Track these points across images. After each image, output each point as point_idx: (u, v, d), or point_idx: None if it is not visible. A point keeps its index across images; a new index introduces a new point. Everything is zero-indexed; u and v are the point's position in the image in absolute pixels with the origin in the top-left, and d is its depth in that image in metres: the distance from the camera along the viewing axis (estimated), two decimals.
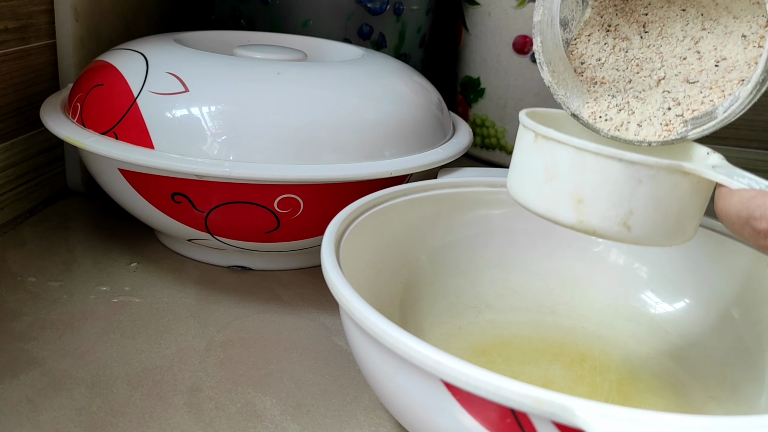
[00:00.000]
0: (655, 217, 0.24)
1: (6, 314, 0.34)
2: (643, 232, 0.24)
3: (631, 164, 0.24)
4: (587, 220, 0.25)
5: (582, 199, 0.24)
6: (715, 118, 0.25)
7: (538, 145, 0.25)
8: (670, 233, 0.25)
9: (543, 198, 0.25)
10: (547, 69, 0.27)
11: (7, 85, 0.42)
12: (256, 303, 0.37)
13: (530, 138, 0.26)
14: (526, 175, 0.26)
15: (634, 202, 0.24)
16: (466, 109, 0.63)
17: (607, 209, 0.24)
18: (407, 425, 0.25)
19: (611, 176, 0.24)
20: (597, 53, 0.29)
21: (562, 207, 0.25)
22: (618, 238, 0.25)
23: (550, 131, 0.25)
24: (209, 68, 0.37)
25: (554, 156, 0.25)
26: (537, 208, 0.26)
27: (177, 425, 0.28)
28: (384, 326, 0.22)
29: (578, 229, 0.25)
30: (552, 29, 0.28)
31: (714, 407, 0.29)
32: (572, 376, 0.31)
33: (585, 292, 0.36)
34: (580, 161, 0.24)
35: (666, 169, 0.24)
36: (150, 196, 0.36)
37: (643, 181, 0.24)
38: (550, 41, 0.28)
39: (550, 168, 0.25)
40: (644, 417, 0.17)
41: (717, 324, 0.32)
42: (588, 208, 0.24)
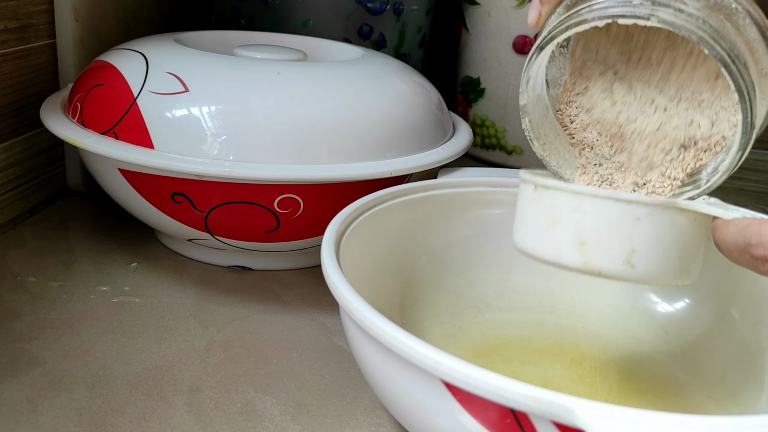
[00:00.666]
0: (657, 253, 0.25)
1: (6, 314, 0.34)
2: (648, 269, 0.25)
3: (627, 203, 0.25)
4: (591, 261, 0.25)
5: (584, 242, 0.25)
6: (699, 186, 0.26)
7: (537, 195, 0.26)
8: (675, 271, 0.25)
9: (547, 245, 0.26)
10: (538, 144, 0.28)
11: (7, 85, 0.42)
12: (256, 303, 0.37)
13: (530, 190, 0.27)
14: (530, 225, 0.27)
15: (635, 239, 0.25)
16: (466, 109, 0.63)
17: (610, 248, 0.25)
18: (407, 425, 0.25)
19: (610, 216, 0.25)
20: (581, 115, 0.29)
21: (566, 251, 0.26)
22: (624, 276, 0.25)
23: (547, 180, 0.26)
24: (209, 68, 0.37)
25: (553, 203, 0.26)
26: (543, 256, 0.27)
27: (177, 425, 0.28)
28: (384, 326, 0.22)
29: (584, 272, 0.26)
30: (540, 102, 0.29)
31: (714, 407, 0.29)
32: (572, 376, 0.31)
33: (585, 292, 0.36)
34: (579, 205, 0.25)
35: (662, 206, 0.25)
36: (150, 196, 0.36)
37: (641, 218, 0.25)
38: (538, 117, 0.28)
39: (551, 215, 0.26)
40: (644, 417, 0.17)
41: (717, 324, 0.32)
42: (591, 250, 0.25)
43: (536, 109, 0.28)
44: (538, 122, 0.28)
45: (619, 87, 0.28)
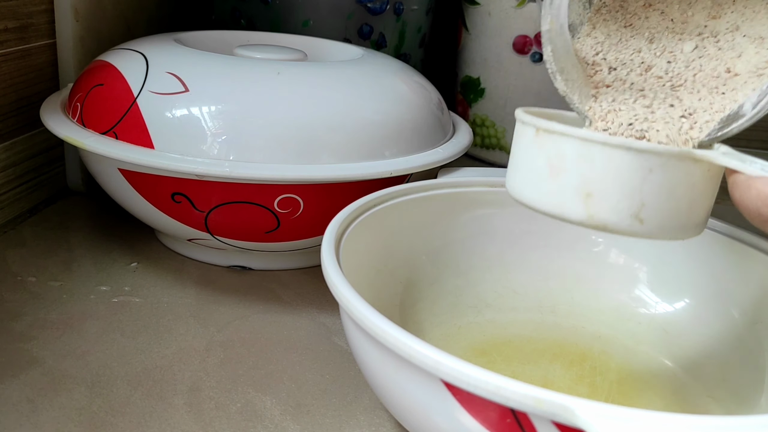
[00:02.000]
0: (667, 207, 0.23)
1: (6, 314, 0.34)
2: (657, 224, 0.24)
3: (640, 153, 0.23)
4: (597, 214, 0.24)
5: (590, 193, 0.23)
6: (743, 116, 0.24)
7: (539, 140, 0.24)
8: (684, 225, 0.24)
9: (548, 195, 0.24)
10: (560, 78, 0.26)
11: (7, 85, 0.42)
12: (256, 303, 0.37)
13: (530, 134, 0.25)
14: (528, 172, 0.25)
15: (645, 192, 0.23)
16: (466, 109, 0.63)
17: (618, 202, 0.23)
18: (407, 425, 0.25)
19: (620, 167, 0.23)
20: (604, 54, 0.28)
21: (569, 203, 0.24)
22: (631, 232, 0.24)
23: (552, 124, 0.24)
24: (209, 68, 0.37)
25: (558, 149, 0.24)
26: (543, 206, 0.25)
27: (177, 425, 0.28)
28: (384, 326, 0.22)
29: (588, 225, 0.24)
30: (562, 36, 0.27)
31: (714, 407, 0.29)
32: (572, 376, 0.31)
33: (585, 292, 0.36)
34: (587, 153, 0.23)
35: (677, 157, 0.23)
36: (150, 196, 0.36)
37: (653, 170, 0.23)
38: (561, 49, 0.27)
39: (555, 162, 0.24)
40: (644, 417, 0.17)
41: (717, 324, 0.32)
42: (597, 202, 0.23)
43: (559, 39, 0.26)
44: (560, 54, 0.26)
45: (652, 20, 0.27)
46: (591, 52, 0.28)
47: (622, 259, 0.36)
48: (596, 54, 0.28)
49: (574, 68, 0.27)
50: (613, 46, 0.28)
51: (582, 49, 0.28)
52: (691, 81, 0.26)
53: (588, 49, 0.28)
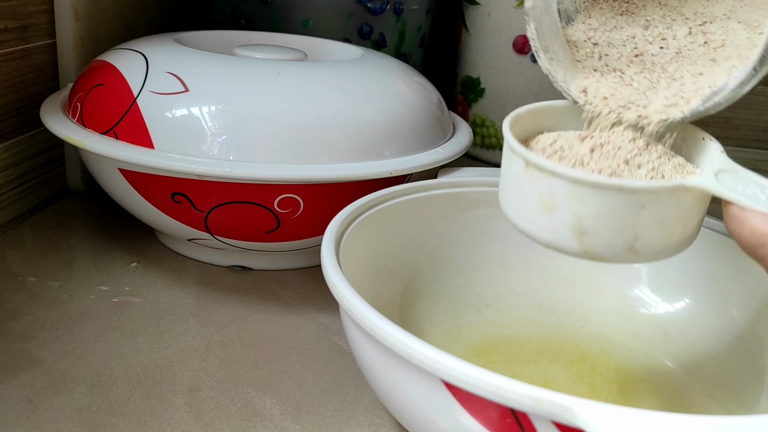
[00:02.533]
0: (661, 236, 0.24)
1: (6, 314, 0.34)
2: (651, 252, 0.24)
3: (632, 192, 0.23)
4: (592, 249, 0.24)
5: (585, 231, 0.23)
6: (724, 89, 0.24)
7: (530, 174, 0.24)
8: (677, 246, 0.24)
9: (543, 229, 0.24)
10: (544, 56, 0.26)
11: (7, 85, 0.42)
12: (256, 303, 0.37)
13: (520, 165, 0.24)
14: (522, 203, 0.25)
15: (638, 227, 0.23)
16: (466, 109, 0.63)
17: (612, 237, 0.23)
18: (407, 425, 0.25)
19: (612, 207, 0.23)
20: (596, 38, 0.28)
21: (564, 238, 0.24)
22: (626, 261, 0.24)
23: (542, 161, 0.24)
24: (209, 68, 0.37)
25: (549, 188, 0.24)
26: (540, 238, 0.25)
27: (177, 425, 0.28)
28: (384, 326, 0.22)
29: (585, 258, 0.24)
30: (548, 14, 0.27)
31: (714, 407, 0.29)
32: (572, 375, 0.31)
33: (585, 291, 0.36)
34: (579, 193, 0.23)
35: (669, 191, 0.23)
36: (150, 195, 0.36)
37: (646, 206, 0.23)
38: (547, 27, 0.26)
39: (547, 200, 0.24)
40: (644, 417, 0.17)
41: (717, 324, 0.32)
42: (592, 239, 0.23)
43: (544, 18, 0.26)
44: (545, 33, 0.26)
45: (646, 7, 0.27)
46: (582, 36, 0.28)
47: None
48: (588, 38, 0.28)
49: (561, 48, 0.27)
50: (607, 32, 0.28)
51: (574, 33, 0.28)
52: (681, 64, 0.26)
53: (580, 34, 0.28)
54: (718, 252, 0.33)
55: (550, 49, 0.26)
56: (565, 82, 0.27)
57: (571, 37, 0.28)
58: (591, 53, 0.28)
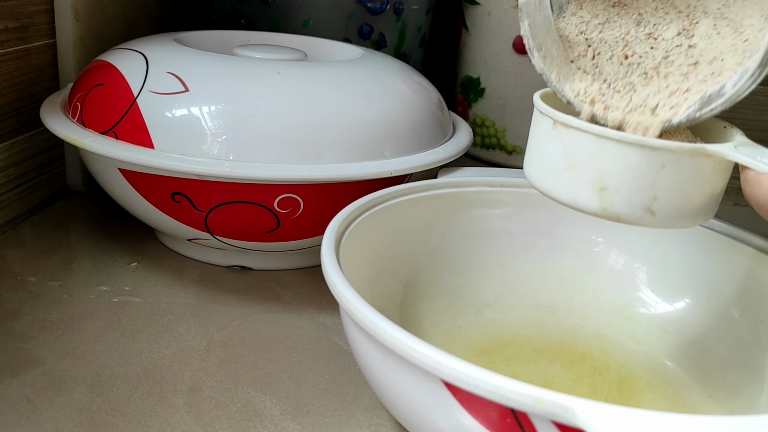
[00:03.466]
0: (679, 200, 0.24)
1: (6, 314, 0.34)
2: (668, 215, 0.24)
3: (653, 150, 0.23)
4: (611, 207, 0.24)
5: (605, 187, 0.24)
6: (723, 94, 0.24)
7: (557, 132, 0.25)
8: (694, 214, 0.25)
9: (565, 186, 0.25)
10: (538, 54, 0.27)
11: (7, 85, 0.42)
12: (256, 303, 0.37)
13: (548, 125, 0.25)
14: (546, 162, 0.26)
15: (657, 187, 0.24)
16: (466, 109, 0.63)
17: (631, 195, 0.24)
18: (407, 425, 0.25)
19: (634, 163, 0.24)
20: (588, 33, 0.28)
21: (584, 195, 0.25)
22: (643, 223, 0.24)
23: (569, 118, 0.25)
24: (209, 68, 0.37)
25: (574, 144, 0.25)
26: (559, 196, 0.26)
27: (177, 425, 0.28)
28: (384, 326, 0.22)
29: (602, 216, 0.25)
30: (541, 11, 0.27)
31: (714, 407, 0.29)
32: (572, 375, 0.31)
33: (585, 292, 0.36)
34: (602, 149, 0.24)
35: (689, 153, 0.23)
36: (150, 195, 0.36)
37: (666, 165, 0.23)
38: (540, 24, 0.27)
39: (571, 156, 0.25)
40: (644, 417, 0.17)
41: (717, 324, 0.32)
42: (611, 195, 0.24)
43: (537, 15, 0.27)
44: (538, 31, 0.27)
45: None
46: (575, 30, 0.28)
47: (622, 259, 0.36)
48: (580, 33, 0.28)
49: (554, 45, 0.27)
50: (599, 26, 0.28)
51: (566, 27, 0.28)
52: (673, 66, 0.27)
53: (572, 28, 0.28)
54: (718, 252, 0.33)
55: (544, 46, 0.27)
56: (559, 82, 0.27)
57: (563, 31, 0.28)
58: (584, 52, 0.28)
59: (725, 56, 0.25)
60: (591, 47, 0.28)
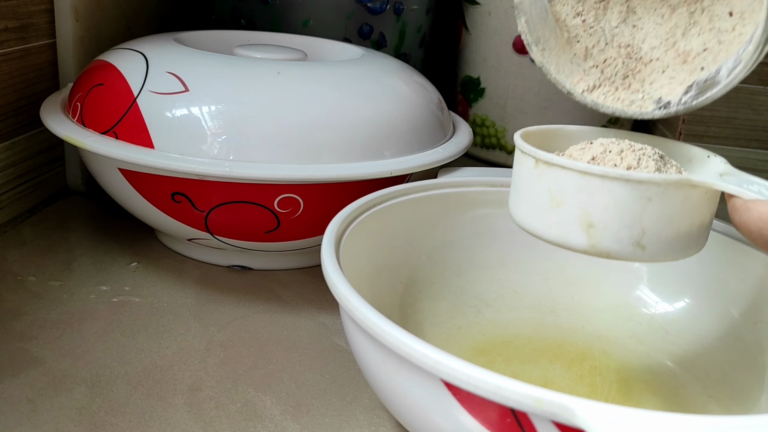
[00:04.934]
0: (667, 233, 0.24)
1: (6, 314, 0.34)
2: (658, 249, 0.24)
3: (639, 184, 0.23)
4: (599, 243, 0.24)
5: (592, 224, 0.24)
6: (718, 83, 0.25)
7: (539, 171, 0.25)
8: (684, 246, 0.25)
9: (551, 225, 0.25)
10: (536, 48, 0.27)
11: (7, 85, 0.42)
12: (256, 303, 0.37)
13: (530, 164, 0.25)
14: (530, 202, 0.26)
15: (645, 221, 0.24)
16: (466, 109, 0.63)
17: (619, 231, 0.24)
18: (407, 425, 0.25)
19: (619, 198, 0.23)
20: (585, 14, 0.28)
21: (572, 233, 0.24)
22: (633, 258, 0.24)
23: (551, 156, 0.25)
24: (209, 68, 0.37)
25: (558, 182, 0.24)
26: (546, 236, 0.25)
27: (177, 425, 0.28)
28: (384, 326, 0.22)
29: (591, 254, 0.25)
30: (537, 3, 0.27)
31: (714, 407, 0.29)
32: (572, 375, 0.31)
33: (585, 291, 0.36)
34: (586, 185, 0.24)
35: (674, 185, 0.23)
36: (150, 195, 0.36)
37: (652, 199, 0.23)
38: (536, 17, 0.27)
39: (555, 194, 0.25)
40: (644, 417, 0.17)
41: (717, 324, 0.32)
42: (599, 232, 0.24)
43: (534, 8, 0.27)
44: (535, 23, 0.27)
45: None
46: (571, 12, 0.28)
47: None
48: (577, 15, 0.28)
49: (552, 34, 0.27)
50: (595, 5, 0.28)
51: (562, 10, 0.28)
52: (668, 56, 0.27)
53: (569, 9, 0.28)
54: (718, 252, 0.33)
55: (542, 38, 0.27)
56: (558, 73, 0.27)
57: (560, 14, 0.28)
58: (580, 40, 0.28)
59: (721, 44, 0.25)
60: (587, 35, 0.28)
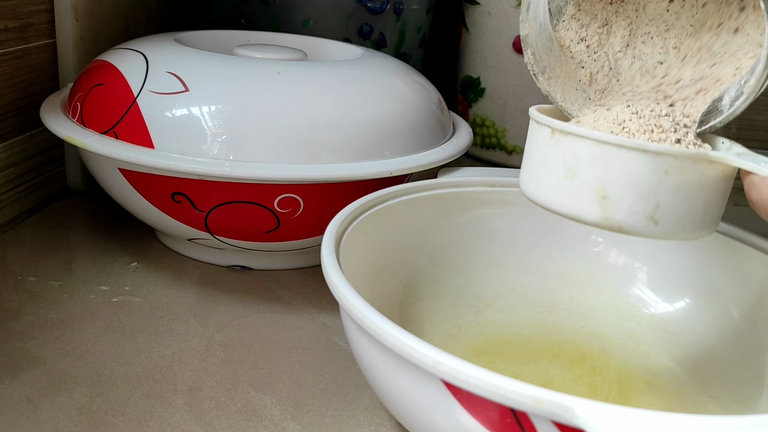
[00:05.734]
0: (682, 209, 0.23)
1: (6, 314, 0.34)
2: (671, 225, 0.24)
3: (656, 155, 0.23)
4: (612, 216, 0.24)
5: (606, 195, 0.24)
6: (721, 112, 0.25)
7: (555, 141, 0.24)
8: (698, 225, 0.24)
9: (564, 196, 0.24)
10: (542, 78, 0.27)
11: (7, 85, 0.42)
12: (256, 303, 0.37)
13: (545, 134, 0.25)
14: (543, 173, 0.25)
15: (660, 194, 0.23)
16: (466, 109, 0.63)
17: (633, 203, 0.23)
18: (407, 425, 0.25)
19: (636, 169, 0.23)
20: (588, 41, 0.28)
21: (585, 204, 0.24)
22: (646, 233, 0.24)
23: (568, 125, 0.24)
24: (209, 68, 0.37)
25: (574, 151, 0.24)
26: (558, 207, 0.25)
27: (177, 424, 0.28)
28: (384, 326, 0.22)
29: (604, 227, 0.24)
30: (542, 35, 0.27)
31: (714, 407, 0.29)
32: (572, 375, 0.31)
33: (585, 291, 0.36)
34: (602, 155, 0.23)
35: (692, 159, 0.23)
36: (150, 195, 0.36)
37: (669, 172, 0.23)
38: (542, 48, 0.27)
39: (570, 164, 0.24)
40: (644, 417, 0.17)
41: (717, 324, 0.32)
42: (613, 204, 0.24)
43: (539, 40, 0.27)
44: (541, 54, 0.27)
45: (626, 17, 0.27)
46: (575, 37, 0.28)
47: (622, 259, 0.36)
48: (581, 40, 0.28)
49: (557, 62, 0.27)
50: (599, 30, 0.28)
51: (566, 36, 0.28)
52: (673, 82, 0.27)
53: (572, 34, 0.28)
54: (718, 252, 0.33)
55: (548, 68, 0.27)
56: (564, 101, 0.27)
57: (564, 41, 0.28)
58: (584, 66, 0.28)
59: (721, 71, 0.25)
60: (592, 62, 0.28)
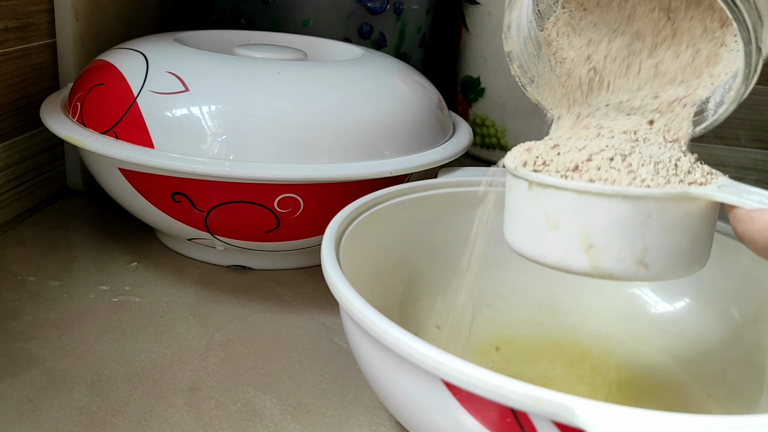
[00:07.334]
0: (670, 249, 0.23)
1: (6, 313, 0.34)
2: (661, 267, 0.23)
3: (637, 200, 0.22)
4: (601, 264, 0.23)
5: (592, 244, 0.23)
6: (705, 118, 0.25)
7: (533, 193, 0.24)
8: (688, 262, 0.24)
9: (550, 248, 0.24)
10: (531, 88, 0.27)
11: (7, 85, 0.42)
12: (256, 303, 0.37)
13: (523, 187, 0.24)
14: (527, 226, 0.25)
15: (646, 237, 0.23)
16: (466, 109, 0.63)
17: (621, 250, 0.23)
18: (407, 425, 0.25)
19: (618, 215, 0.23)
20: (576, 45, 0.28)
21: (572, 255, 0.24)
22: (637, 277, 0.24)
23: (545, 177, 0.24)
24: (209, 68, 0.37)
25: (554, 203, 0.23)
26: (546, 260, 0.24)
27: (177, 424, 0.28)
28: (384, 326, 0.22)
29: (594, 275, 0.24)
30: (528, 47, 0.27)
31: (714, 407, 0.29)
32: (572, 375, 0.31)
33: (585, 291, 0.36)
34: (583, 205, 0.23)
35: (674, 199, 0.23)
36: (150, 195, 0.36)
37: (652, 214, 0.23)
38: (529, 58, 0.27)
39: (552, 216, 0.24)
40: (644, 417, 0.17)
41: (717, 324, 0.32)
42: (600, 252, 0.23)
43: (525, 50, 0.27)
44: (529, 64, 0.27)
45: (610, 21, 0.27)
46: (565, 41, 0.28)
47: None
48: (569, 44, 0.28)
49: (545, 68, 0.27)
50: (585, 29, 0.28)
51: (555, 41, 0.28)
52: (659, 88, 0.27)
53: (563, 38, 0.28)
54: (717, 252, 0.33)
55: (536, 76, 0.27)
56: (554, 107, 0.27)
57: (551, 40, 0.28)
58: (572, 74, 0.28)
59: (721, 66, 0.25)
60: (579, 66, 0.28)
